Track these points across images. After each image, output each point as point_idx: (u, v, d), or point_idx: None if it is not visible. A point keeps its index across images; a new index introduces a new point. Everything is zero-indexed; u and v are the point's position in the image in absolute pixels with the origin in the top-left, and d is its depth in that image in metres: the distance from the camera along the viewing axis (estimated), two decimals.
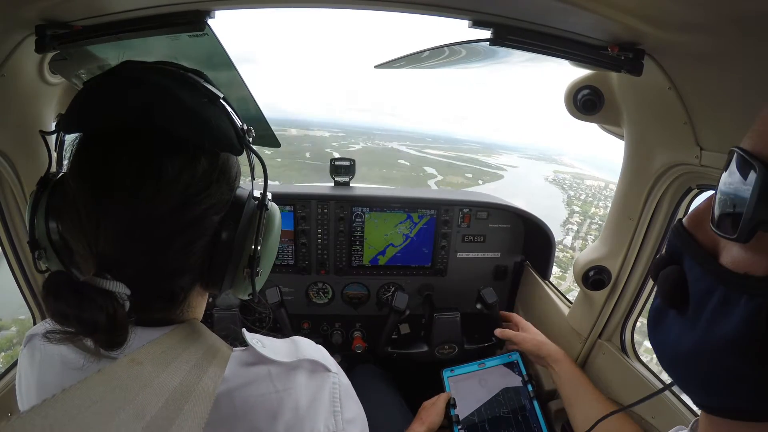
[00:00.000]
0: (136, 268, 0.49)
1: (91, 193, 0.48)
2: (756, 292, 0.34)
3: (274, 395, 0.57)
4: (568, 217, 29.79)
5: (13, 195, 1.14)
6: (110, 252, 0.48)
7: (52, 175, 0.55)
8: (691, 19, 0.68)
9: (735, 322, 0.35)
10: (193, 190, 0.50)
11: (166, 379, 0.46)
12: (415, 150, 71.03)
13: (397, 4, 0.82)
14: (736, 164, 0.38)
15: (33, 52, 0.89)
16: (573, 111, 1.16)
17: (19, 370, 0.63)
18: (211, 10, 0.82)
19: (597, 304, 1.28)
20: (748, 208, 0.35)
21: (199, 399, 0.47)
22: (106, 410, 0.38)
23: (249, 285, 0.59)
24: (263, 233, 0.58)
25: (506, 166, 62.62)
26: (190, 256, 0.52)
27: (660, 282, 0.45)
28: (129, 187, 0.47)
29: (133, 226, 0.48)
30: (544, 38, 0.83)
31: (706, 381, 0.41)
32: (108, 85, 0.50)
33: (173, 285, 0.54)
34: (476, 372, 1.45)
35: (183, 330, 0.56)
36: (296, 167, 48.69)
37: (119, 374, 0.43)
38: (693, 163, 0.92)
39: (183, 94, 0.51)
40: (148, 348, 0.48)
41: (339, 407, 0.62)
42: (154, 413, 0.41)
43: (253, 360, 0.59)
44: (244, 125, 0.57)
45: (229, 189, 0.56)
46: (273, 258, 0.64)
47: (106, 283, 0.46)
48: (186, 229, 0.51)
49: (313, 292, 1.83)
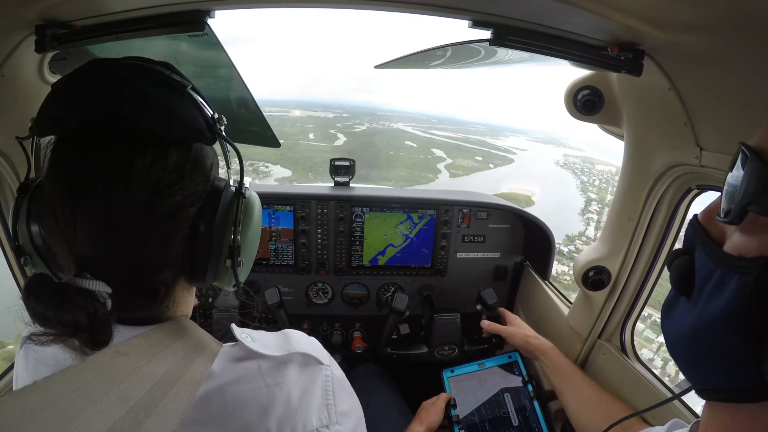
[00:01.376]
0: (115, 265, 0.49)
1: (65, 194, 0.48)
2: (745, 271, 0.37)
3: (264, 390, 0.56)
4: (586, 206, 29.17)
5: (13, 195, 1.14)
6: (88, 251, 0.48)
7: (31, 180, 0.55)
8: (690, 20, 0.68)
9: (726, 298, 0.38)
10: (166, 182, 0.50)
11: (152, 369, 0.46)
12: (421, 131, 70.10)
13: (397, 3, 0.82)
14: (739, 158, 0.42)
15: (33, 51, 0.89)
16: (573, 111, 1.16)
17: (16, 372, 0.64)
18: (211, 10, 0.82)
19: (597, 305, 1.28)
20: (739, 192, 0.40)
21: (185, 386, 0.47)
22: (89, 396, 0.38)
23: (232, 276, 0.59)
24: (242, 222, 0.58)
25: (515, 149, 61.56)
26: (169, 249, 0.52)
27: (671, 271, 0.49)
28: (101, 185, 0.47)
29: (108, 224, 0.48)
30: (543, 38, 0.83)
31: (703, 359, 0.43)
32: (74, 85, 0.51)
33: (154, 281, 0.54)
34: (476, 372, 1.46)
35: (170, 326, 0.56)
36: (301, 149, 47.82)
37: (103, 364, 0.43)
38: (693, 163, 0.92)
39: (148, 87, 0.51)
40: (133, 341, 0.48)
41: (332, 400, 0.61)
42: (139, 398, 0.41)
43: (243, 355, 0.59)
44: (214, 114, 0.56)
45: (205, 179, 0.56)
46: (255, 247, 0.64)
47: (86, 283, 0.46)
48: (162, 222, 0.50)
49: (313, 292, 1.83)
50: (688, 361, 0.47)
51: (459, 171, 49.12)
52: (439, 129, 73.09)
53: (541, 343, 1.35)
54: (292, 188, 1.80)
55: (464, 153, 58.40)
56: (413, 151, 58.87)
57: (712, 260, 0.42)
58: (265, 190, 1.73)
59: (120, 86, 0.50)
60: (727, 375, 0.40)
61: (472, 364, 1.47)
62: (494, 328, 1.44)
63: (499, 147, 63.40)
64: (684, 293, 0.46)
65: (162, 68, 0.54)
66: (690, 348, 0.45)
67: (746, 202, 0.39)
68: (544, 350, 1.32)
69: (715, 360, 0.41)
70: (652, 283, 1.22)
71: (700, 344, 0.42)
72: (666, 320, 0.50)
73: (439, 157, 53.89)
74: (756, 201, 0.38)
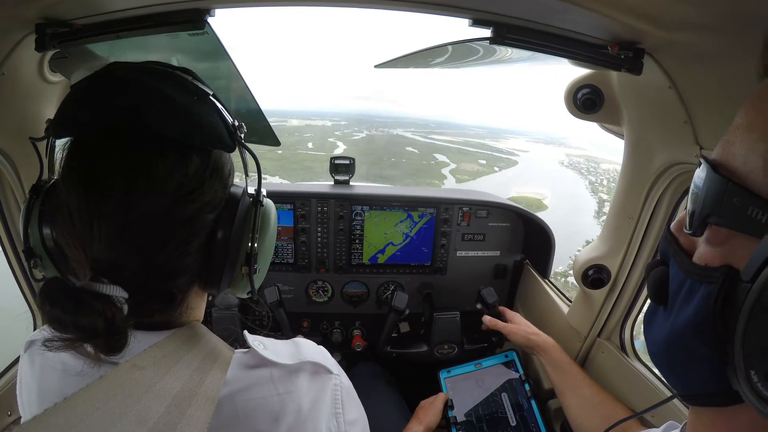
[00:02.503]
0: (132, 270, 0.49)
1: (83, 197, 0.47)
2: (710, 280, 0.38)
3: (276, 398, 0.57)
4: (600, 208, 28.76)
5: (13, 195, 1.14)
6: (105, 255, 0.48)
7: (44, 182, 0.55)
8: (691, 18, 0.68)
9: (694, 307, 0.40)
10: (186, 189, 0.50)
11: (168, 384, 0.45)
12: (421, 136, 69.56)
13: (397, 2, 0.82)
14: (701, 170, 0.43)
15: (33, 50, 0.88)
16: (573, 110, 1.16)
17: (20, 375, 0.63)
18: (211, 9, 0.82)
19: (596, 303, 1.29)
20: (698, 205, 0.41)
21: (202, 403, 0.47)
22: (109, 417, 0.38)
23: (247, 283, 0.59)
24: (259, 230, 0.57)
25: (518, 151, 61.07)
26: (186, 256, 0.52)
27: (648, 282, 0.50)
28: (120, 189, 0.47)
29: (126, 228, 0.47)
30: (543, 37, 0.83)
31: (679, 366, 0.45)
32: (95, 88, 0.50)
33: (171, 286, 0.54)
34: (473, 372, 1.45)
35: (184, 333, 0.55)
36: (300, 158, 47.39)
37: (121, 380, 0.43)
38: (693, 162, 0.92)
39: (171, 93, 0.51)
40: (149, 352, 0.48)
41: (341, 409, 0.63)
42: (157, 418, 0.41)
43: (255, 362, 0.59)
44: (235, 122, 0.56)
45: (223, 186, 0.56)
46: (270, 255, 0.63)
47: (102, 287, 0.45)
48: (180, 228, 0.50)
49: (313, 290, 1.84)
50: (666, 369, 0.48)
51: (464, 176, 48.56)
52: (439, 133, 72.51)
53: (543, 339, 1.34)
54: (292, 186, 1.81)
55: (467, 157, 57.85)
56: (416, 157, 58.36)
57: (682, 270, 0.43)
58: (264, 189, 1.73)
59: (141, 90, 0.50)
60: (701, 381, 0.42)
61: (469, 364, 1.47)
62: (496, 324, 1.44)
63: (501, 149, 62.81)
64: (660, 303, 0.47)
65: (184, 74, 0.54)
66: (666, 356, 0.46)
67: (706, 214, 0.40)
68: (545, 347, 1.32)
69: (689, 367, 0.43)
70: None
71: (675, 352, 0.44)
72: (647, 330, 0.51)
73: (443, 162, 53.37)
74: (715, 213, 0.39)
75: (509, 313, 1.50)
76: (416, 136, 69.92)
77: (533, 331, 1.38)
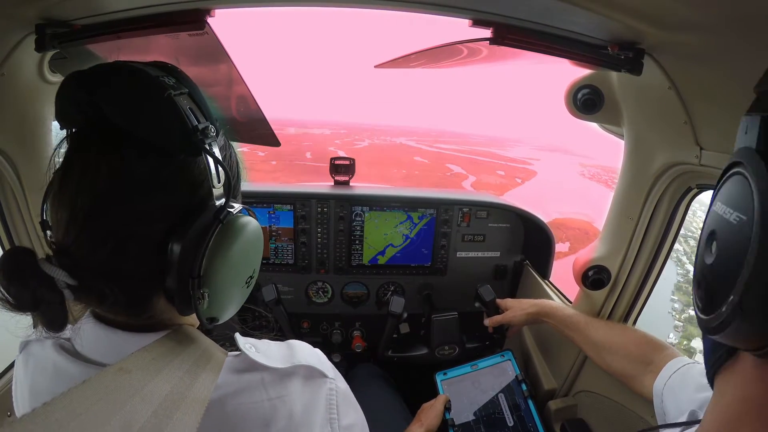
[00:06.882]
0: (76, 259, 0.48)
1: (57, 184, 0.50)
2: None
3: (266, 403, 0.55)
4: None
5: (13, 194, 1.14)
6: (61, 239, 0.50)
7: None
8: (691, 19, 0.68)
9: None
10: (130, 190, 0.49)
11: (156, 387, 0.45)
12: (426, 145, 68.37)
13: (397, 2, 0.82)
14: None
15: (33, 50, 0.89)
16: (573, 110, 1.16)
17: (15, 376, 0.63)
18: (211, 9, 0.82)
19: (596, 304, 1.28)
20: None
21: (190, 406, 0.46)
22: (91, 423, 0.37)
23: (211, 309, 0.53)
24: (217, 249, 0.51)
25: (529, 159, 59.15)
26: (127, 260, 0.50)
27: None
28: (75, 179, 0.49)
29: (73, 218, 0.49)
30: (543, 37, 0.83)
31: None
32: (63, 84, 0.51)
33: (119, 287, 0.50)
34: (469, 374, 1.44)
35: (175, 336, 0.54)
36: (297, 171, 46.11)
37: (105, 384, 0.42)
38: (693, 162, 0.92)
39: (133, 91, 0.49)
40: (137, 355, 0.48)
41: (336, 414, 0.61)
42: (143, 423, 0.40)
43: (245, 366, 0.57)
44: (199, 123, 0.51)
45: (189, 194, 0.52)
46: (237, 280, 0.57)
47: (47, 267, 0.47)
48: (119, 230, 0.49)
49: (313, 291, 1.84)
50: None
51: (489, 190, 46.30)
52: (443, 142, 70.81)
53: (541, 307, 1.34)
54: (292, 187, 1.80)
55: (481, 167, 55.51)
56: (427, 169, 55.97)
57: None
58: (264, 189, 1.73)
59: (97, 85, 0.49)
60: None
61: (465, 366, 1.46)
62: (497, 320, 1.44)
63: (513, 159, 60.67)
64: None
65: (151, 69, 0.51)
66: None
67: None
68: (546, 312, 1.32)
69: None
70: (652, 282, 1.22)
71: None
72: None
73: (459, 174, 50.69)
74: None
75: (507, 302, 1.49)
76: (421, 145, 68.52)
77: (529, 305, 1.38)
